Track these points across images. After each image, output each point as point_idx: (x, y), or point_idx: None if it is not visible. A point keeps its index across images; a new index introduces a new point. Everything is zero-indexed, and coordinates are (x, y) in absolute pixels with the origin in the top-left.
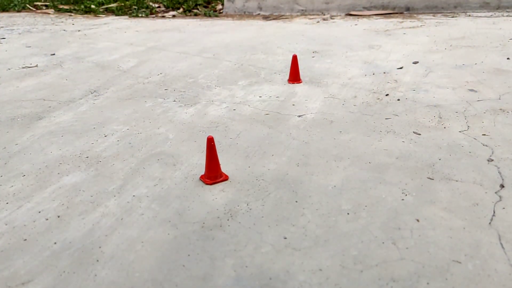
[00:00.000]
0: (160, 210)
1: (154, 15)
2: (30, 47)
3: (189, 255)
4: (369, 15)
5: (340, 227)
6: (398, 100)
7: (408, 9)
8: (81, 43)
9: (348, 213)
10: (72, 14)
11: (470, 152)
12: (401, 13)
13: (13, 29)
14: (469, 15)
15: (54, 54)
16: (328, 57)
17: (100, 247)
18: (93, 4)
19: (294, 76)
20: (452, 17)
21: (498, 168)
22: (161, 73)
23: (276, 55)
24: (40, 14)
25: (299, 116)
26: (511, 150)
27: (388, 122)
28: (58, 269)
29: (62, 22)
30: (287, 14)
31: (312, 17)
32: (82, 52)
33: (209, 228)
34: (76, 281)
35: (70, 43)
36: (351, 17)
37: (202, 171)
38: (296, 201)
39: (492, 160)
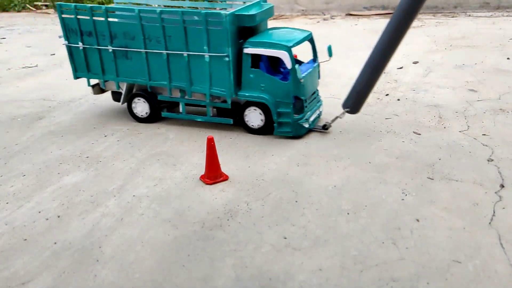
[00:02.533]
0: (160, 210)
1: None
2: (30, 47)
3: (189, 255)
4: (369, 15)
5: (340, 227)
6: (398, 100)
7: None
8: None
9: (348, 213)
10: None
11: (470, 152)
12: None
13: (13, 29)
14: (469, 15)
15: (54, 54)
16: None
17: (100, 247)
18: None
19: None
20: (452, 17)
21: (498, 168)
22: None
23: None
24: (40, 14)
25: None
26: (511, 150)
27: (388, 122)
28: (58, 269)
29: None
30: (287, 14)
31: (312, 17)
32: None
33: (209, 228)
34: (76, 281)
35: None
36: (351, 17)
37: (202, 171)
38: (296, 201)
39: (492, 160)
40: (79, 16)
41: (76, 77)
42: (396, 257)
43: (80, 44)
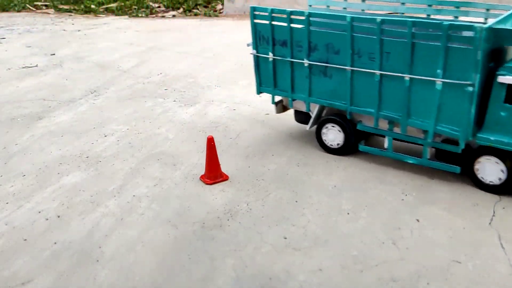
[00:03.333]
0: (160, 210)
1: (154, 15)
2: (30, 47)
3: (189, 255)
4: None
5: (340, 227)
6: None
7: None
8: (81, 43)
9: (348, 213)
10: (72, 14)
11: None
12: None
13: (13, 29)
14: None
15: (54, 54)
16: None
17: (100, 247)
18: (93, 4)
19: None
20: None
21: None
22: (161, 73)
23: None
24: (40, 14)
25: None
26: None
27: None
28: (58, 270)
29: (62, 22)
30: None
31: None
32: (82, 52)
33: (209, 228)
34: (76, 281)
35: (70, 43)
36: None
37: (202, 171)
38: (296, 201)
39: None
40: (274, 22)
41: (259, 92)
42: (396, 257)
43: (270, 55)
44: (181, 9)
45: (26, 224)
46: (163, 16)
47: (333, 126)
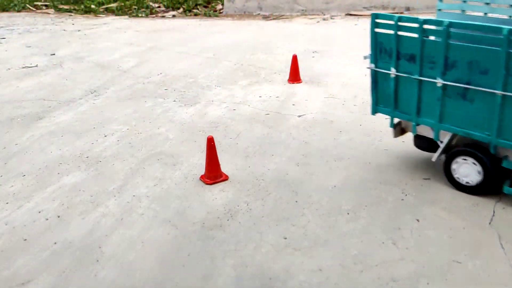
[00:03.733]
0: (160, 210)
1: (154, 15)
2: (30, 47)
3: (189, 255)
4: (369, 15)
5: (340, 227)
6: None
7: (408, 9)
8: (81, 43)
9: (348, 213)
10: (72, 14)
11: None
12: (401, 12)
13: (13, 29)
14: None
15: (54, 54)
16: (328, 57)
17: (100, 247)
18: (93, 4)
19: (294, 76)
20: None
21: None
22: (161, 73)
23: (276, 55)
24: (40, 14)
25: (299, 116)
26: None
27: (388, 122)
28: (58, 269)
29: (62, 22)
30: (287, 14)
31: (312, 17)
32: (82, 52)
33: (209, 228)
34: (76, 281)
35: (70, 43)
36: (351, 17)
37: (202, 171)
38: (296, 201)
39: None
40: (400, 32)
41: (375, 112)
42: (396, 257)
43: (393, 71)
44: (181, 9)
45: (26, 224)
46: (163, 16)
47: (467, 160)
